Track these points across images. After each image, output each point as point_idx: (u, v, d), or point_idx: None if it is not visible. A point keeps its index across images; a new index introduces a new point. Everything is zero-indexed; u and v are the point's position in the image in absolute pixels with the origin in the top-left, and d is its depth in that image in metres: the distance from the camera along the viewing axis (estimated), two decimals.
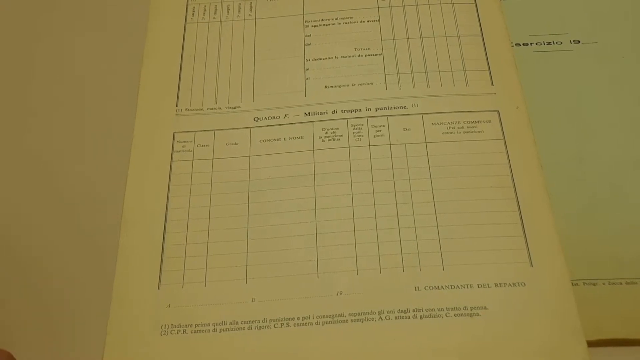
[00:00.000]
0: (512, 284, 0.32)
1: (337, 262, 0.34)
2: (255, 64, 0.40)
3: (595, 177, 0.37)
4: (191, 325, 0.32)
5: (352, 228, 0.34)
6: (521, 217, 0.34)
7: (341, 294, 0.33)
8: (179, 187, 0.36)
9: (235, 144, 0.38)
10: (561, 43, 0.41)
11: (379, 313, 0.32)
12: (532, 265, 0.33)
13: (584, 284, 0.33)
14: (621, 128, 0.38)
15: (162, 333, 0.32)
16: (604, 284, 0.33)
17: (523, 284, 0.32)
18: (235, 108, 0.39)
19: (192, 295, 0.33)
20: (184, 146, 0.37)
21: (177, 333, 0.32)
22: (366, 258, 0.34)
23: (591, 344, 0.31)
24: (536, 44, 0.41)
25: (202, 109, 0.39)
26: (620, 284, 0.33)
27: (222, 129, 0.38)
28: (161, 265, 0.34)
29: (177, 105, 0.39)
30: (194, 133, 0.38)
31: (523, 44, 0.41)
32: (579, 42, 0.41)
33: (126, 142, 0.38)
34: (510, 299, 0.32)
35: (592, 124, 0.38)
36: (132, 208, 0.35)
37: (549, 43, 0.41)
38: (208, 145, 0.38)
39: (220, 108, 0.39)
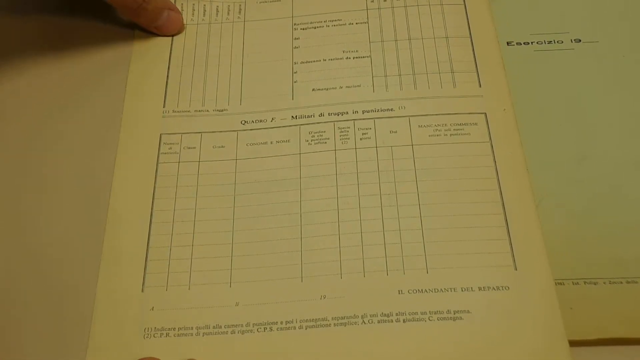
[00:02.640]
0: (495, 288, 0.32)
1: (321, 266, 0.34)
2: (243, 66, 0.40)
3: (596, 177, 0.36)
4: (174, 329, 0.32)
5: (337, 232, 0.34)
6: (506, 221, 0.34)
7: (325, 297, 0.33)
8: (165, 189, 0.36)
9: (222, 147, 0.38)
10: (562, 42, 0.41)
11: (362, 317, 0.32)
12: (516, 269, 0.33)
13: (585, 283, 0.33)
14: (621, 127, 0.38)
15: (145, 336, 0.32)
16: (604, 283, 0.33)
17: (507, 288, 0.32)
18: (222, 111, 0.39)
19: (176, 298, 0.33)
20: (170, 148, 0.38)
21: (161, 336, 0.32)
22: (350, 262, 0.34)
23: (591, 343, 0.32)
24: (537, 42, 0.41)
25: (189, 111, 0.39)
26: (621, 283, 0.33)
27: (208, 132, 0.38)
28: (145, 267, 0.34)
29: (164, 107, 0.39)
30: (180, 135, 0.38)
31: (524, 43, 0.41)
32: (579, 41, 0.41)
33: (113, 143, 0.38)
34: (494, 302, 0.32)
35: (592, 124, 0.38)
36: (117, 210, 0.36)
37: (549, 42, 0.41)
38: (194, 148, 0.38)
39: (208, 111, 0.39)
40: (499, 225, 0.34)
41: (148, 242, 0.35)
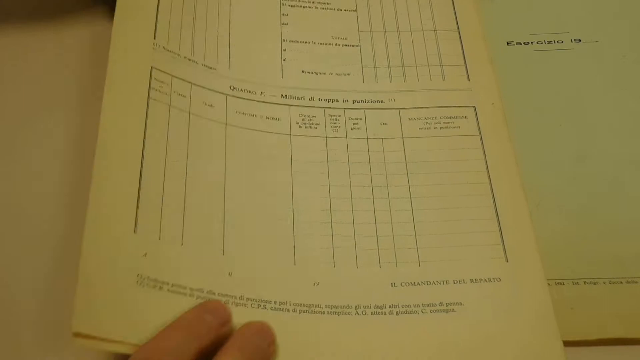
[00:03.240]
0: (487, 280, 0.32)
1: (313, 252, 0.33)
2: (231, 28, 0.39)
3: (596, 176, 0.37)
4: (168, 284, 0.29)
5: (329, 219, 0.34)
6: (497, 213, 0.34)
7: (318, 284, 0.32)
8: (156, 129, 0.33)
9: (212, 106, 0.36)
10: (562, 42, 0.42)
11: (356, 307, 0.31)
12: (507, 261, 0.33)
13: (585, 282, 0.33)
14: (621, 127, 0.38)
15: (139, 283, 0.29)
16: (604, 282, 0.33)
17: (498, 280, 0.32)
18: (211, 68, 0.37)
19: (169, 251, 0.31)
20: (161, 87, 0.34)
21: (154, 287, 0.29)
22: (343, 251, 0.33)
23: (591, 343, 0.32)
24: (537, 42, 0.42)
25: (178, 54, 0.36)
26: (621, 282, 0.33)
27: (198, 85, 0.36)
28: (137, 207, 0.30)
29: (154, 39, 0.36)
30: (171, 77, 0.35)
31: (524, 43, 0.42)
32: (579, 40, 0.42)
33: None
34: (486, 294, 0.32)
35: (592, 123, 0.39)
36: (106, 140, 0.32)
37: (549, 42, 0.42)
38: (185, 97, 0.35)
39: (197, 62, 0.37)
40: (490, 218, 0.34)
41: (140, 181, 0.31)
